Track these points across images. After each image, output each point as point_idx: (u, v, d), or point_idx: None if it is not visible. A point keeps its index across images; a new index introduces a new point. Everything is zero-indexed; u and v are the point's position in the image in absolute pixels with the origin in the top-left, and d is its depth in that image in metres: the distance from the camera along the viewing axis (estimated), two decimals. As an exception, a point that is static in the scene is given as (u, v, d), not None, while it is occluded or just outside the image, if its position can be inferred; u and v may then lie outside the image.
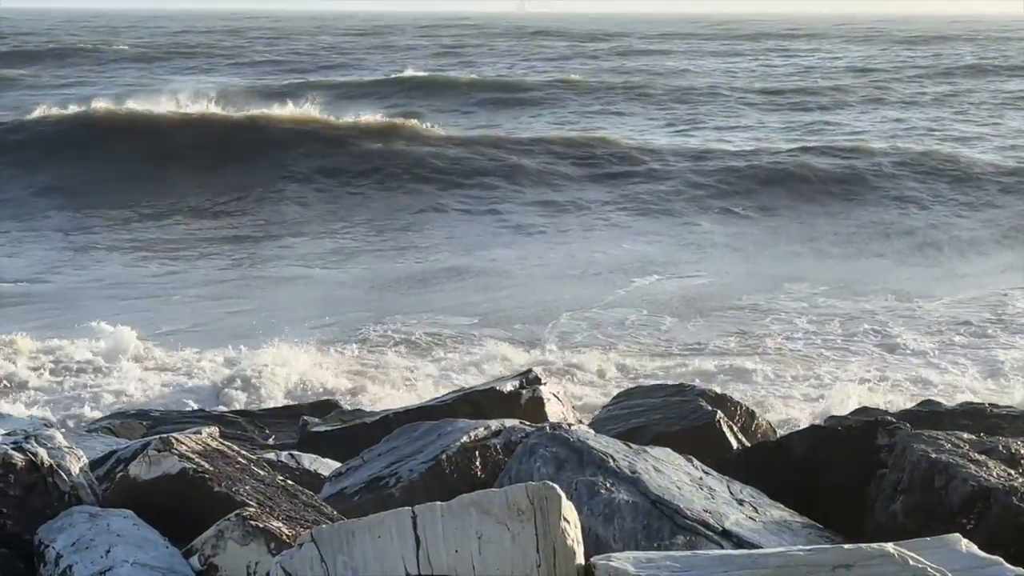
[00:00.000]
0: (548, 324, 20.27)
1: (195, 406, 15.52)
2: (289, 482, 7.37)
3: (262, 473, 7.31)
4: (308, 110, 41.97)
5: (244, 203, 32.53)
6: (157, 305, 22.09)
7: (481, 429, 8.45)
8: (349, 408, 13.92)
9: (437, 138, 39.20)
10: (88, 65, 78.57)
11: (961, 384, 17.08)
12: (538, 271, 25.11)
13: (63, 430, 8.31)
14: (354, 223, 30.39)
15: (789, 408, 15.71)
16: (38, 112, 41.40)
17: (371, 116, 42.12)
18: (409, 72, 66.30)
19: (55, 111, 41.15)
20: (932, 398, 13.49)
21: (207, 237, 29.11)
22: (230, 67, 79.62)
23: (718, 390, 12.09)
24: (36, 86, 62.48)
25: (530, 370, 11.67)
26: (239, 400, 16.11)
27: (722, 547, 6.56)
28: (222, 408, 15.08)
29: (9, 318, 20.74)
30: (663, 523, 6.78)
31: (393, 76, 64.63)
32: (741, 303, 21.94)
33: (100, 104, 41.52)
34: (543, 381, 11.38)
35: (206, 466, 6.97)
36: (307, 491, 7.35)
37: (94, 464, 7.93)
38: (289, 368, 17.23)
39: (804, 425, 12.61)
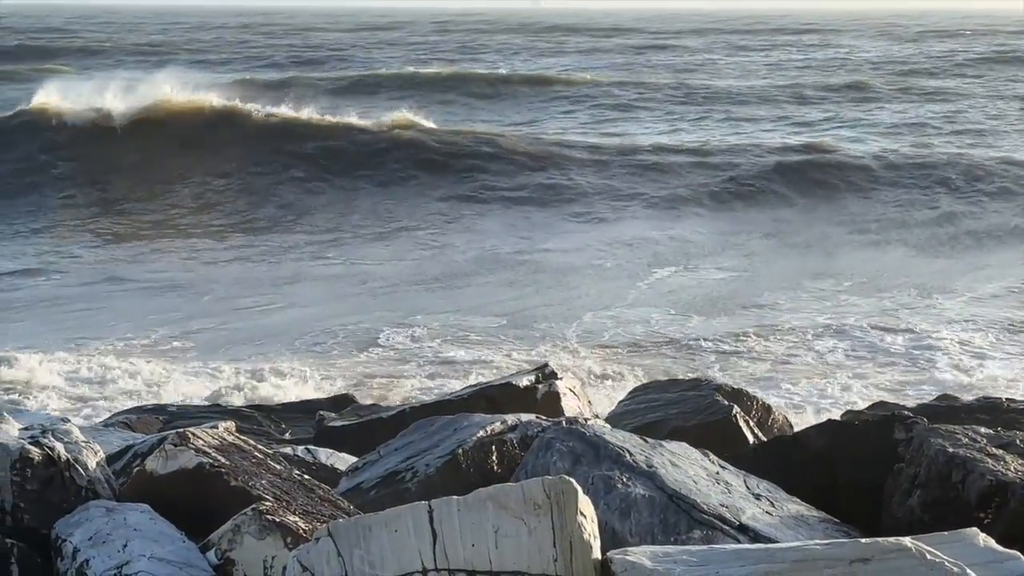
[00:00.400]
0: (572, 323, 20.18)
1: (210, 401, 15.53)
2: (306, 477, 7.38)
3: (279, 468, 7.32)
4: (323, 107, 41.85)
5: (266, 199, 32.52)
6: (185, 304, 22.05)
7: (497, 424, 8.45)
8: (365, 403, 13.92)
9: (455, 133, 39.13)
10: (103, 60, 78.48)
11: (981, 379, 17.04)
12: (563, 264, 25.11)
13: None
14: (378, 220, 30.39)
15: (808, 404, 15.67)
16: (40, 101, 41.07)
17: (388, 112, 42.04)
18: (426, 68, 66.16)
19: (68, 103, 40.94)
20: (949, 392, 13.46)
21: (224, 232, 29.19)
22: (244, 61, 79.55)
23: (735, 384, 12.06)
24: (54, 81, 62.40)
25: (546, 364, 11.66)
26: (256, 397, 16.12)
27: (739, 541, 6.55)
28: (238, 403, 15.08)
29: (41, 320, 20.77)
30: (680, 517, 6.77)
31: (408, 71, 64.52)
32: (762, 300, 21.91)
33: (117, 97, 41.36)
34: (559, 376, 11.38)
35: (223, 460, 6.98)
36: (324, 486, 7.36)
37: (111, 459, 7.96)
38: (310, 376, 17.21)
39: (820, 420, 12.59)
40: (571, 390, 11.26)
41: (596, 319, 20.58)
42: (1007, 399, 10.82)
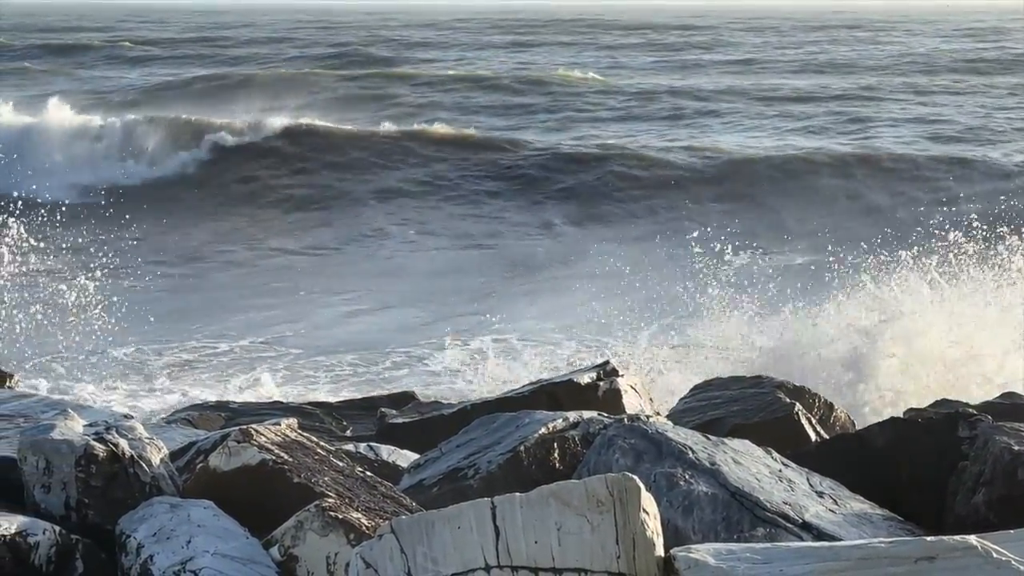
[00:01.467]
0: (645, 330, 20.07)
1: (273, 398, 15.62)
2: (368, 473, 7.40)
3: (341, 464, 7.35)
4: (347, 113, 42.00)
5: (358, 206, 32.80)
6: (279, 304, 22.23)
7: (559, 421, 8.43)
8: (426, 400, 13.93)
9: (503, 141, 39.17)
10: (148, 58, 78.68)
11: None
12: (624, 261, 25.16)
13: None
14: (436, 223, 30.55)
15: (870, 402, 15.57)
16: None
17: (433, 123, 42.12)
18: (462, 70, 65.84)
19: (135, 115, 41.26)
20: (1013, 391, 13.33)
21: (301, 237, 29.48)
22: (298, 61, 79.59)
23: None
24: (107, 77, 62.75)
25: (607, 361, 11.61)
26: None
27: (802, 539, 6.53)
28: (300, 400, 15.14)
29: (149, 324, 20.97)
30: (743, 515, 6.75)
31: (450, 73, 64.18)
32: (830, 293, 21.85)
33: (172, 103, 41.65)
34: (620, 373, 11.33)
35: (285, 457, 7.01)
36: (386, 482, 7.38)
37: (174, 455, 8.00)
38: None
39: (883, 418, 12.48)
40: (632, 387, 11.21)
41: (666, 321, 20.54)
42: (1072, 396, 10.71)
